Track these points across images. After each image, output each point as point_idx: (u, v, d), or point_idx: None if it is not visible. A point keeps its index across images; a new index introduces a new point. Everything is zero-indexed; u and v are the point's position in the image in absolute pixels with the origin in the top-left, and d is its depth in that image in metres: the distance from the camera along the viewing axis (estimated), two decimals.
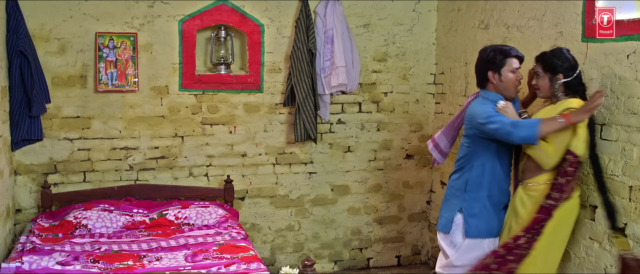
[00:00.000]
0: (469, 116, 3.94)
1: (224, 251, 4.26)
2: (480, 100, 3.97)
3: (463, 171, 4.02)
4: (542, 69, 3.78)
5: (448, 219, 4.03)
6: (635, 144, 3.51)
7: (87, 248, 4.24)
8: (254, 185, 5.55)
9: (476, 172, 3.94)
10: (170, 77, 5.22)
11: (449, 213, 4.04)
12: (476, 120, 3.85)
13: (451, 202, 4.06)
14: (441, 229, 4.08)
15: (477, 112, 3.87)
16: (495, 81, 3.90)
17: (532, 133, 3.63)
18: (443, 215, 4.09)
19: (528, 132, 3.64)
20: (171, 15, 5.16)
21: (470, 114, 3.93)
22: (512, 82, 3.89)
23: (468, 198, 3.97)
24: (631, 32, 3.53)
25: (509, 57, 3.87)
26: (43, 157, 5.02)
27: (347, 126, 5.74)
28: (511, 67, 3.87)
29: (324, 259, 5.83)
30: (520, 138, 3.68)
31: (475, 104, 3.95)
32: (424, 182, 6.03)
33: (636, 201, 3.50)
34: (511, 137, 3.69)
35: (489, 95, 3.94)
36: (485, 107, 3.85)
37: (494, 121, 3.74)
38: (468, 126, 3.97)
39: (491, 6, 4.93)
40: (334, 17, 5.34)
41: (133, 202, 5.00)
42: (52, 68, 4.95)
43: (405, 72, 5.83)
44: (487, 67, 3.91)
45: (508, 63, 3.86)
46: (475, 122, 3.87)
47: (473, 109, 3.92)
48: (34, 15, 4.86)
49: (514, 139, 3.70)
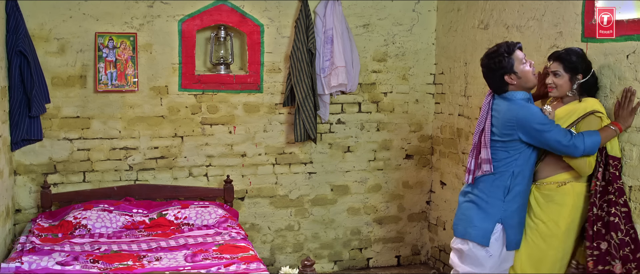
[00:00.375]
0: (515, 119, 3.65)
1: (223, 251, 4.26)
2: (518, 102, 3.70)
3: (497, 176, 3.75)
4: (563, 69, 3.69)
5: (486, 230, 3.73)
6: (635, 144, 3.51)
7: (86, 248, 4.24)
8: (253, 185, 5.55)
9: (515, 180, 3.72)
10: (169, 77, 5.22)
11: (487, 223, 3.74)
12: (531, 125, 3.60)
13: (487, 211, 3.76)
14: (479, 242, 3.75)
15: (528, 116, 3.62)
16: (516, 81, 3.71)
17: (597, 142, 3.52)
18: (477, 225, 3.76)
19: (594, 142, 3.51)
20: (171, 15, 5.16)
21: (517, 117, 3.64)
22: (529, 72, 3.70)
23: (507, 208, 3.73)
24: (631, 32, 3.53)
25: (513, 53, 3.70)
26: (43, 157, 5.02)
27: (347, 126, 5.74)
28: (520, 60, 3.70)
29: (324, 259, 5.83)
30: (588, 150, 3.52)
31: (516, 107, 3.68)
32: (424, 182, 6.03)
33: (636, 201, 3.50)
34: (576, 151, 3.53)
35: (516, 95, 3.73)
36: (535, 109, 3.65)
37: (552, 130, 3.56)
38: (508, 129, 3.68)
39: (491, 6, 4.93)
40: (334, 17, 5.34)
41: (133, 202, 5.00)
42: (51, 68, 4.95)
43: (405, 72, 5.83)
44: (501, 73, 3.72)
45: (516, 58, 3.69)
46: (528, 127, 3.61)
47: (518, 111, 3.65)
48: (34, 15, 4.86)
49: (578, 152, 3.53)
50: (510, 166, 3.71)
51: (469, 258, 3.80)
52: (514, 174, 3.71)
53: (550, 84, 3.76)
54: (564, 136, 3.55)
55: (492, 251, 3.73)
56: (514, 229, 3.74)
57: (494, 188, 3.75)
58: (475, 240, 3.75)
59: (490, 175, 3.76)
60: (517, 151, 3.69)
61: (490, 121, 3.78)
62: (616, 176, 3.57)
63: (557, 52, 3.78)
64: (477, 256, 3.76)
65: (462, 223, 3.85)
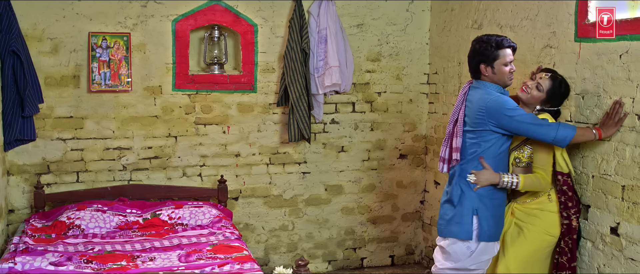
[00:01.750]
0: (485, 108, 3.70)
1: (217, 251, 4.25)
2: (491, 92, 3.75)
3: (467, 166, 3.81)
4: (547, 89, 3.80)
5: (466, 224, 3.78)
6: (628, 143, 3.53)
7: (80, 249, 4.23)
8: (247, 185, 5.55)
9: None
10: (163, 77, 5.21)
11: (465, 217, 3.79)
12: (502, 112, 3.64)
13: (463, 204, 3.81)
14: (460, 237, 3.80)
15: (499, 103, 3.67)
16: (488, 74, 3.77)
17: (570, 135, 3.58)
18: (457, 221, 3.82)
19: (567, 134, 3.57)
20: (164, 15, 5.15)
21: (487, 106, 3.69)
22: (506, 74, 3.76)
23: (479, 198, 3.78)
24: (624, 32, 3.55)
25: (502, 49, 3.72)
26: (36, 157, 5.00)
27: (341, 126, 5.74)
28: (505, 60, 3.73)
29: (318, 259, 5.83)
30: (560, 138, 3.57)
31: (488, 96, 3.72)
32: (418, 182, 6.04)
33: (629, 200, 3.52)
34: (549, 131, 3.57)
35: (487, 86, 3.78)
36: (506, 98, 3.69)
37: (524, 113, 3.63)
38: (479, 118, 3.74)
39: (484, 6, 4.94)
40: (328, 17, 5.34)
41: (126, 202, 4.99)
42: (45, 68, 4.93)
43: (399, 72, 5.84)
44: (478, 60, 3.77)
45: (502, 56, 3.72)
46: (499, 114, 3.65)
47: (489, 100, 3.70)
48: (27, 15, 4.84)
49: (550, 136, 3.58)
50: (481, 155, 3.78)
51: (449, 253, 3.89)
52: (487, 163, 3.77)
53: (527, 86, 3.84)
54: (535, 118, 3.65)
55: (473, 245, 3.81)
56: (488, 221, 3.79)
57: (465, 179, 3.81)
58: (457, 237, 3.83)
59: (463, 165, 3.83)
60: (488, 142, 3.76)
61: (464, 110, 3.84)
62: (563, 191, 3.74)
63: (555, 73, 3.87)
64: (456, 251, 3.85)
65: (444, 222, 3.93)
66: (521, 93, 3.85)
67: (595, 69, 3.74)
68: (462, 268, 3.87)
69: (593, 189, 3.78)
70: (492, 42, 3.74)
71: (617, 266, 3.61)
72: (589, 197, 3.80)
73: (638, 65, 3.45)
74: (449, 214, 3.88)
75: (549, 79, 3.82)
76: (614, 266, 3.63)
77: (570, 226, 3.74)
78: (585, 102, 3.82)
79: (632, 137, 3.50)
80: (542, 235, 3.80)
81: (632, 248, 3.50)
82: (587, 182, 3.82)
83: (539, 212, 3.83)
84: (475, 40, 3.84)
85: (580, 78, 3.86)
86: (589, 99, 3.79)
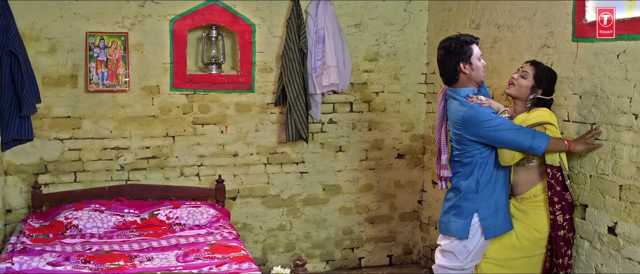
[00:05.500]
0: (461, 120, 3.75)
1: (215, 251, 4.25)
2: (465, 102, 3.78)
3: (463, 174, 3.87)
4: (532, 75, 3.86)
5: (464, 224, 3.83)
6: (625, 143, 3.53)
7: (77, 249, 4.22)
8: (245, 185, 5.55)
9: (483, 170, 3.81)
10: (161, 77, 5.21)
11: (464, 218, 3.84)
12: (478, 123, 3.69)
13: (463, 206, 3.85)
14: (458, 236, 3.85)
15: (474, 114, 3.71)
16: (468, 71, 3.80)
17: (545, 143, 3.63)
18: (456, 221, 3.86)
19: (542, 142, 3.62)
20: (162, 15, 5.15)
21: (463, 118, 3.74)
22: (480, 68, 3.84)
23: (481, 198, 3.82)
24: (621, 31, 3.55)
25: (472, 44, 3.82)
26: (33, 157, 5.00)
27: (339, 126, 5.74)
28: (477, 54, 3.83)
29: (316, 258, 5.83)
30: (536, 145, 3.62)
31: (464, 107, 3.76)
32: (416, 181, 6.04)
33: (626, 200, 3.52)
34: (526, 140, 3.62)
35: (460, 92, 3.84)
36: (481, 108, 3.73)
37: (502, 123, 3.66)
38: (457, 129, 3.81)
39: (482, 6, 4.94)
40: (325, 17, 5.34)
41: (124, 202, 4.98)
42: (42, 68, 4.93)
43: (397, 71, 5.84)
44: (457, 60, 3.80)
45: (474, 51, 3.81)
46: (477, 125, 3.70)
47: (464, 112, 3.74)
48: (24, 14, 4.84)
49: (527, 143, 3.62)
50: (474, 159, 3.81)
51: (448, 252, 3.94)
52: (480, 165, 3.81)
53: (513, 79, 3.91)
54: (513, 123, 3.69)
55: (470, 245, 3.86)
56: (491, 218, 3.83)
57: (469, 183, 3.85)
58: (455, 235, 3.88)
59: (459, 175, 3.89)
60: (474, 147, 3.80)
61: (446, 124, 3.97)
62: (552, 184, 3.74)
63: (535, 60, 3.96)
64: (453, 250, 3.90)
65: (444, 221, 3.98)
66: (509, 89, 3.93)
67: (593, 68, 3.75)
68: (462, 267, 3.90)
69: (590, 189, 3.78)
70: (463, 40, 3.83)
71: (615, 265, 3.62)
72: (587, 197, 3.81)
73: (635, 65, 3.45)
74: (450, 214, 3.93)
75: (532, 65, 3.90)
76: (612, 265, 3.64)
77: (555, 221, 3.74)
78: (582, 102, 3.83)
79: (630, 137, 3.50)
80: (529, 232, 3.85)
81: (630, 248, 3.51)
82: (584, 182, 3.82)
83: (531, 208, 3.86)
84: (444, 43, 3.88)
85: (577, 78, 3.86)
86: (586, 98, 3.80)
